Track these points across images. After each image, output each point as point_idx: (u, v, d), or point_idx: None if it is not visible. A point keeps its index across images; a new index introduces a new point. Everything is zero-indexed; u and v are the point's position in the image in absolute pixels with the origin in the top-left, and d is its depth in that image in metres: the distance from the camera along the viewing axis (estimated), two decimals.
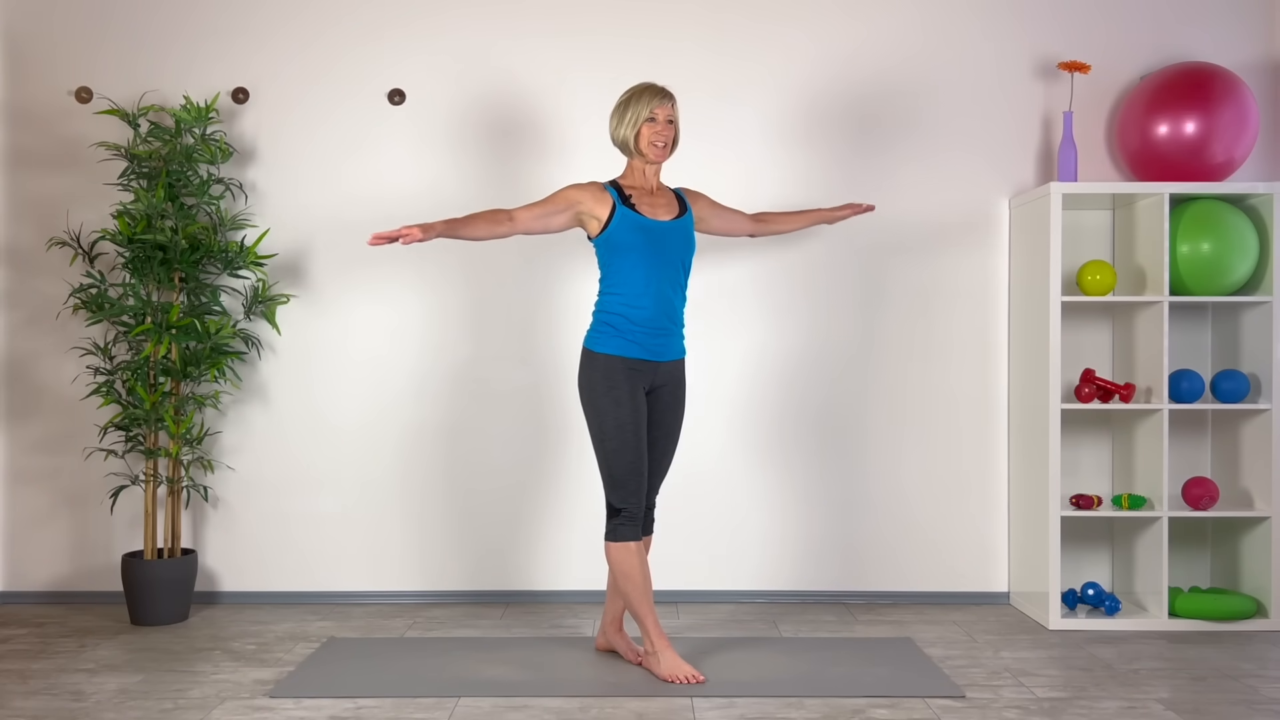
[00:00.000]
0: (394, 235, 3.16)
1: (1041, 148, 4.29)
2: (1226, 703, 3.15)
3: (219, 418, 4.29)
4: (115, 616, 4.10)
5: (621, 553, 3.32)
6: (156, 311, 4.00)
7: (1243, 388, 3.95)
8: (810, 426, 4.30)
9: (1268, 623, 3.90)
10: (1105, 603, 3.96)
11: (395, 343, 4.29)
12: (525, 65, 4.28)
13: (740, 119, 4.29)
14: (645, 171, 3.42)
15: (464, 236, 3.28)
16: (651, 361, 3.36)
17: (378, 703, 3.14)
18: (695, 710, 3.08)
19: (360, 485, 4.30)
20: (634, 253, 3.32)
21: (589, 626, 3.96)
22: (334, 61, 4.29)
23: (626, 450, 3.30)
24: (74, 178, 4.28)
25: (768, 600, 4.30)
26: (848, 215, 3.80)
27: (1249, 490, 4.05)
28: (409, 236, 3.16)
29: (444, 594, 4.31)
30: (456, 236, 3.27)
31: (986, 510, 4.31)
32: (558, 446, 4.29)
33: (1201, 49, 4.28)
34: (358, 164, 4.28)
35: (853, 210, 3.80)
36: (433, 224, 3.22)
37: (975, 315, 4.30)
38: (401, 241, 3.17)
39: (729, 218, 3.62)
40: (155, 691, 3.25)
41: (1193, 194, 3.97)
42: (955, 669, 3.46)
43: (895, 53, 4.29)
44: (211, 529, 4.31)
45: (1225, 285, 3.95)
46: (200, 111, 4.05)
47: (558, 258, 4.26)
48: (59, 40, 4.29)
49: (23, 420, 4.31)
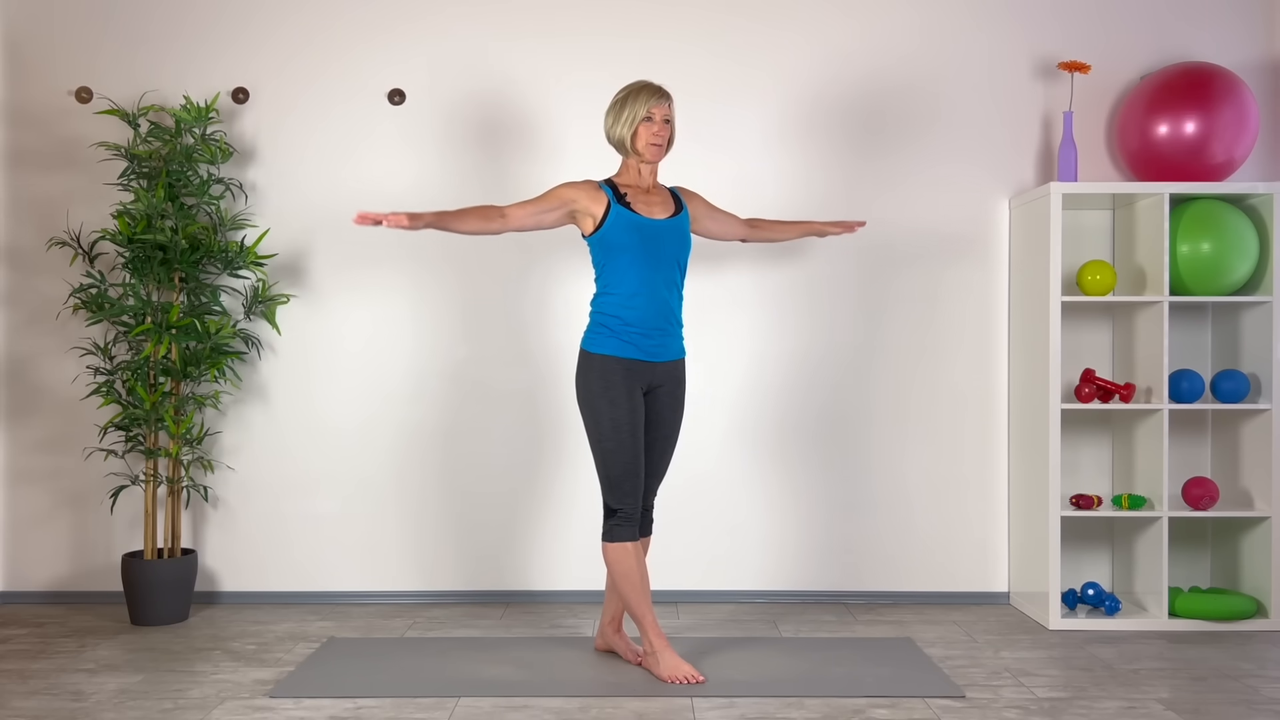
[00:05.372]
0: (379, 217, 3.13)
1: (1041, 148, 4.29)
2: (1226, 703, 3.15)
3: (219, 418, 4.29)
4: (115, 616, 4.10)
5: (618, 553, 3.32)
6: (156, 311, 4.00)
7: (1243, 388, 3.95)
8: (809, 426, 4.30)
9: (1268, 623, 3.90)
10: (1105, 603, 3.96)
11: (395, 343, 4.29)
12: (525, 65, 4.28)
13: (738, 120, 4.28)
14: (641, 170, 3.40)
15: (454, 229, 3.26)
16: (648, 362, 3.35)
17: (378, 703, 3.14)
18: (695, 710, 3.08)
19: (360, 485, 4.30)
20: (629, 252, 3.31)
21: (588, 626, 3.96)
22: (333, 61, 4.29)
23: (623, 451, 3.30)
24: (74, 178, 4.28)
25: (768, 600, 4.30)
26: (839, 232, 3.76)
27: (1249, 490, 4.05)
28: (394, 221, 3.14)
29: (443, 594, 4.31)
30: (446, 229, 3.25)
31: (986, 510, 4.31)
32: (557, 447, 4.29)
33: (1201, 49, 4.28)
34: (357, 164, 4.28)
35: (844, 227, 3.76)
36: (422, 214, 3.21)
37: (975, 315, 4.30)
38: (386, 223, 3.13)
39: (723, 220, 3.60)
40: (155, 691, 3.25)
41: (1193, 194, 3.97)
42: (955, 669, 3.46)
43: (894, 53, 4.29)
44: (211, 529, 4.31)
45: (1225, 285, 3.95)
46: (200, 111, 4.05)
47: (556, 258, 4.26)
48: (59, 40, 4.29)
49: (23, 420, 4.31)
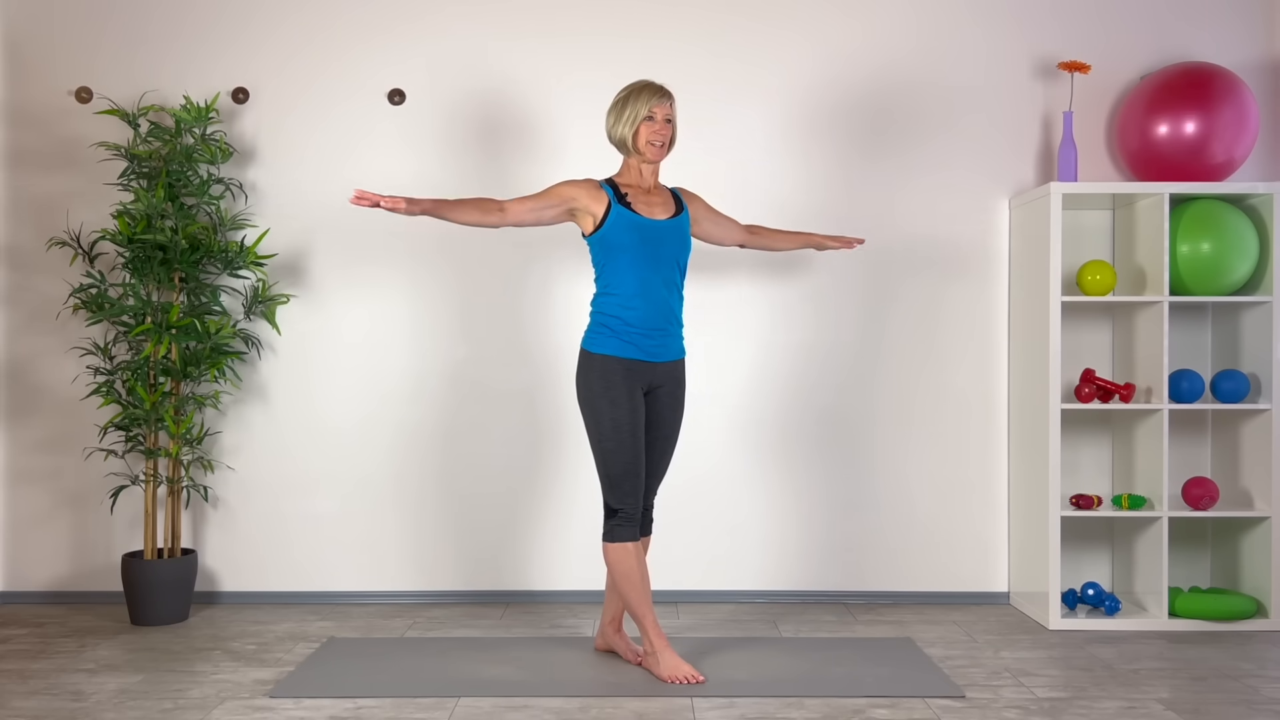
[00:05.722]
0: (377, 199, 3.12)
1: (1041, 148, 4.29)
2: (1226, 703, 3.15)
3: (219, 418, 4.29)
4: (115, 616, 4.10)
5: (619, 553, 3.32)
6: (156, 311, 4.00)
7: (1243, 388, 3.95)
8: (809, 426, 4.30)
9: (1268, 623, 3.90)
10: (1105, 603, 3.96)
11: (395, 342, 4.29)
12: (524, 65, 4.28)
13: (739, 119, 4.28)
14: (642, 170, 3.40)
15: (451, 218, 3.25)
16: (648, 362, 3.35)
17: (378, 703, 3.14)
18: (695, 710, 3.08)
19: (360, 485, 4.30)
20: (629, 252, 3.30)
21: (588, 626, 3.96)
22: (333, 61, 4.29)
23: (623, 451, 3.29)
24: (74, 178, 4.28)
25: (768, 600, 4.30)
26: (837, 247, 3.75)
27: (1249, 490, 4.05)
28: (392, 203, 3.12)
29: (443, 594, 4.31)
30: (443, 217, 3.24)
31: (987, 510, 4.31)
32: (557, 447, 4.29)
33: (1201, 49, 4.28)
34: (357, 164, 4.28)
35: (843, 243, 3.75)
36: (420, 199, 3.20)
37: (975, 315, 4.30)
38: (384, 205, 3.11)
39: (722, 225, 3.60)
40: (155, 691, 3.25)
41: (1193, 194, 3.97)
42: (955, 669, 3.46)
43: (894, 53, 4.29)
44: (211, 529, 4.31)
45: (1225, 285, 3.95)
46: (200, 111, 4.05)
47: (556, 258, 4.26)
48: (59, 40, 4.29)
49: (23, 420, 4.31)
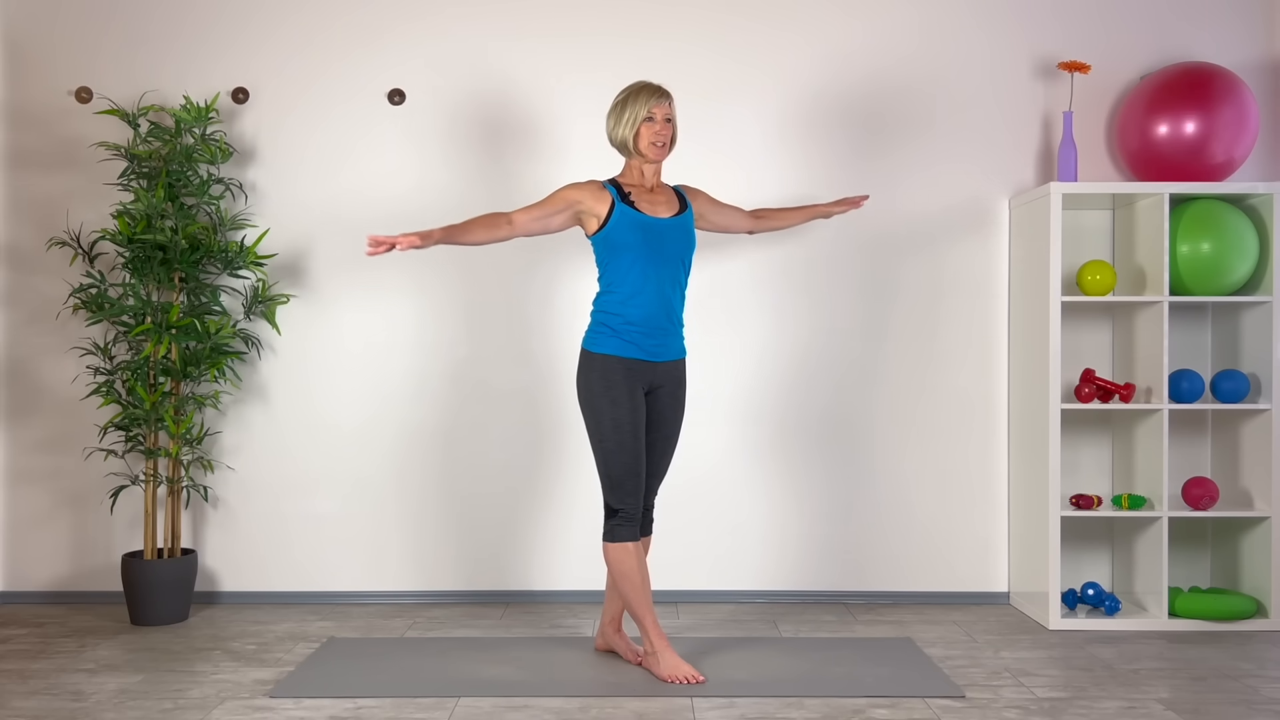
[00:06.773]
0: (392, 242, 3.13)
1: (1041, 148, 4.29)
2: (1226, 703, 3.15)
3: (219, 418, 4.29)
4: (115, 616, 4.10)
5: (619, 553, 3.32)
6: (156, 311, 4.00)
7: (1243, 388, 3.95)
8: (810, 426, 4.30)
9: (1268, 623, 3.90)
10: (1105, 603, 3.96)
11: (395, 342, 4.29)
12: (525, 65, 4.28)
13: (738, 119, 4.28)
14: (644, 170, 3.41)
15: (463, 242, 3.28)
16: (649, 362, 3.35)
17: (378, 703, 3.14)
18: (695, 710, 3.08)
19: (360, 485, 4.30)
20: (632, 251, 3.31)
21: (588, 626, 3.96)
22: (333, 61, 4.29)
23: (624, 451, 3.30)
24: (74, 178, 4.28)
25: (768, 600, 4.30)
26: (844, 209, 3.78)
27: (1249, 490, 4.05)
28: (407, 242, 3.13)
29: (443, 594, 4.31)
30: (456, 243, 3.27)
31: (986, 510, 4.31)
32: (557, 447, 4.29)
33: (1201, 49, 4.28)
34: (357, 164, 4.28)
35: (849, 204, 3.78)
36: (431, 231, 3.21)
37: (975, 315, 4.30)
38: (399, 247, 3.13)
39: (728, 214, 3.61)
40: (155, 691, 3.25)
41: (1193, 194, 3.97)
42: (955, 669, 3.46)
43: (894, 53, 4.29)
44: (211, 529, 4.31)
45: (1225, 285, 3.95)
46: (200, 111, 4.05)
47: (558, 258, 4.26)
48: (59, 40, 4.29)
49: (23, 420, 4.31)
